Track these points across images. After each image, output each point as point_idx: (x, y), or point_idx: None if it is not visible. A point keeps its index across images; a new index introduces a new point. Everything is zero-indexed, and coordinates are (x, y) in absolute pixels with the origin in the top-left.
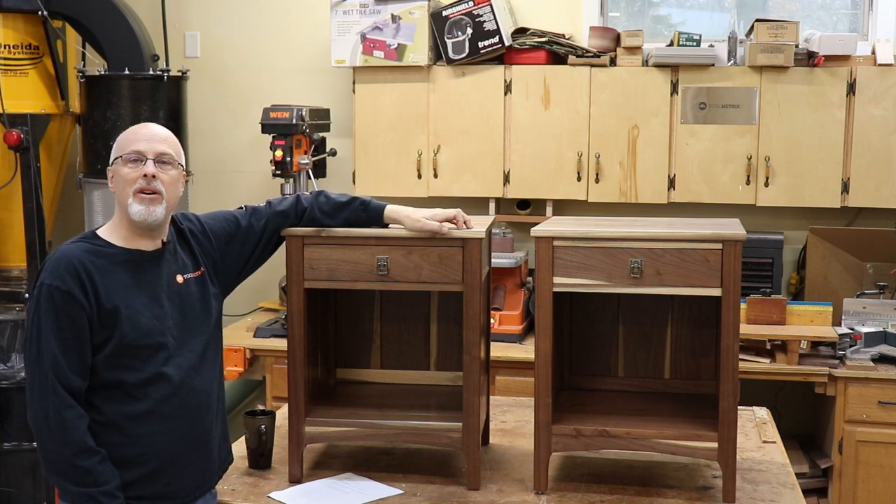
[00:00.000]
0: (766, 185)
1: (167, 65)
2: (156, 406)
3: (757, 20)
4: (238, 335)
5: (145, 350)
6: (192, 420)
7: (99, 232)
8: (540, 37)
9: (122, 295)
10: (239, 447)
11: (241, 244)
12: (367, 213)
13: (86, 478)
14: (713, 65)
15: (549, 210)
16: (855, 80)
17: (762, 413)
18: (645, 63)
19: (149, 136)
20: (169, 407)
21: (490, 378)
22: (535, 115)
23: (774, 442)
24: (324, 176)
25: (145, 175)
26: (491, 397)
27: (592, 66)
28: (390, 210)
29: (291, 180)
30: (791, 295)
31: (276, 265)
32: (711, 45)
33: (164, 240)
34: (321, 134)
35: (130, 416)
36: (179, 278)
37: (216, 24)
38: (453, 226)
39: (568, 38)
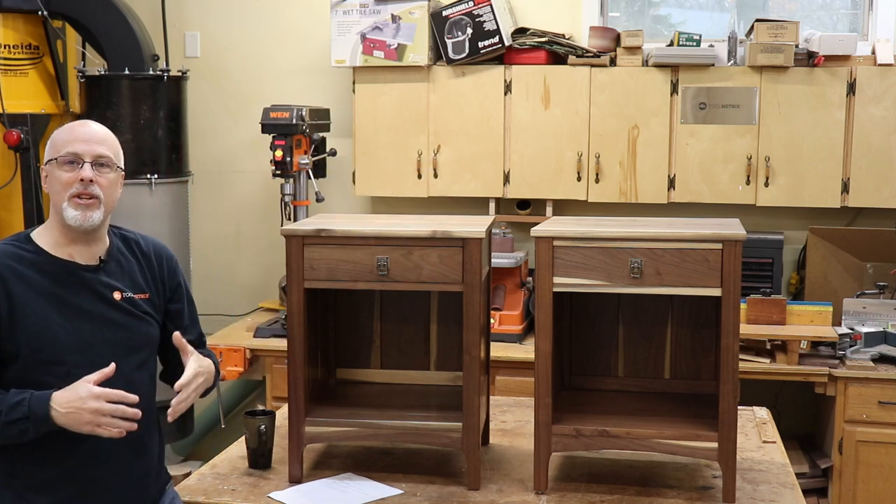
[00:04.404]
0: (766, 185)
1: (167, 65)
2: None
3: (757, 20)
4: (238, 335)
5: (60, 367)
6: (114, 443)
7: (34, 234)
8: (540, 37)
9: (41, 307)
10: (239, 447)
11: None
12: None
13: None
14: (713, 65)
15: (549, 210)
16: (855, 80)
17: (762, 413)
18: (645, 63)
19: (87, 136)
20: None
21: (490, 378)
22: (535, 115)
23: (774, 442)
24: (324, 176)
25: (82, 179)
26: (491, 397)
27: (592, 66)
28: None
29: (291, 180)
30: (791, 295)
31: (276, 265)
32: (711, 45)
33: (102, 257)
34: (321, 134)
35: (44, 436)
36: (117, 295)
37: (216, 24)
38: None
39: (568, 38)
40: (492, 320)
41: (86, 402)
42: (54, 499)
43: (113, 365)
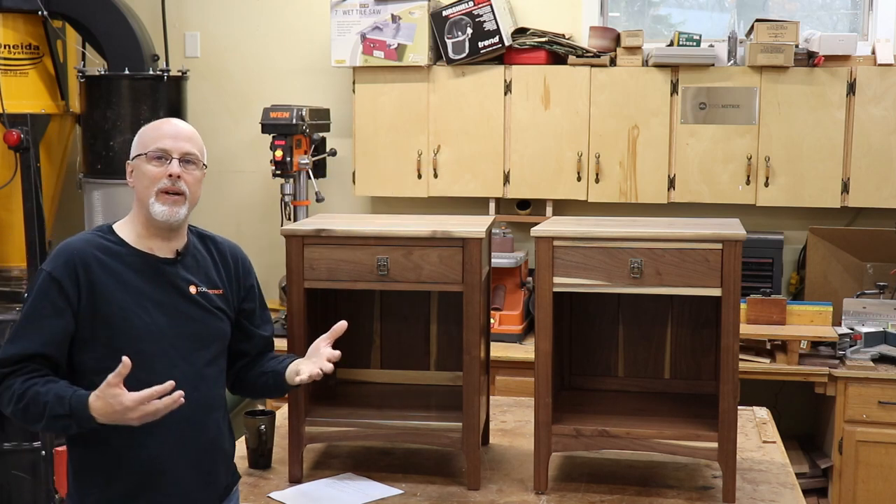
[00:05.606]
0: (766, 185)
1: (167, 65)
2: None
3: (757, 20)
4: None
5: (137, 356)
6: (183, 435)
7: (115, 226)
8: (540, 37)
9: (120, 296)
10: (239, 447)
11: (238, 314)
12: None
13: (34, 409)
14: (713, 65)
15: (549, 210)
16: (855, 80)
17: (762, 413)
18: (645, 63)
19: (174, 133)
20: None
21: (490, 378)
22: (535, 115)
23: (774, 442)
24: (324, 176)
25: (170, 175)
26: (491, 397)
27: (592, 66)
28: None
29: (291, 180)
30: (791, 295)
31: (276, 265)
32: (711, 45)
33: (179, 250)
34: (321, 134)
35: (113, 430)
36: (192, 289)
37: (216, 24)
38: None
39: (568, 38)
40: (492, 320)
41: (125, 414)
42: (125, 488)
43: (176, 390)
